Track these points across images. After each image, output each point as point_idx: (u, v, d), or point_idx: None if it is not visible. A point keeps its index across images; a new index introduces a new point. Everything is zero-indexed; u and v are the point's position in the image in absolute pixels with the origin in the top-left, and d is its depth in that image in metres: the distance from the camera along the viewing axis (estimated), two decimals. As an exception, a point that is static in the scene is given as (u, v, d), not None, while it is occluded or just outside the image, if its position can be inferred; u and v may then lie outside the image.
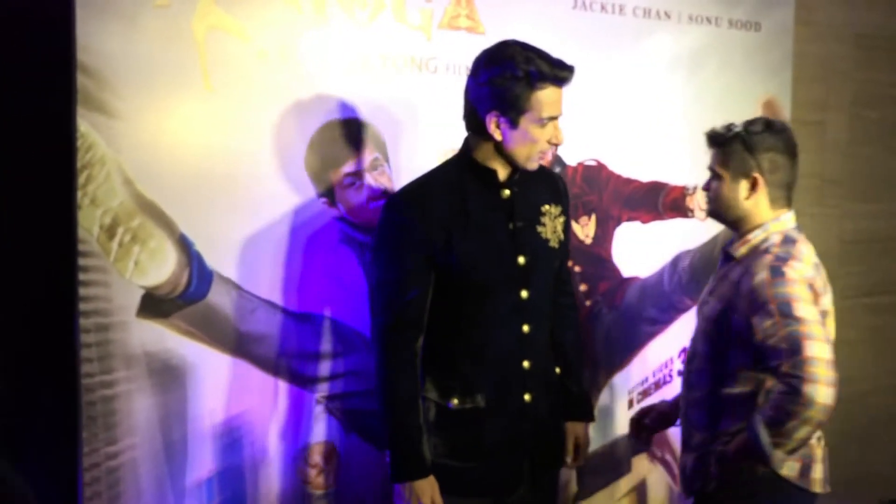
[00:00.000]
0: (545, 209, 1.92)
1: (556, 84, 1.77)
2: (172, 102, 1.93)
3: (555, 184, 1.99)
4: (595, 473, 2.60)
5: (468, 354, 1.87)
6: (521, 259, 1.87)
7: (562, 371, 2.02)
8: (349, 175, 2.14)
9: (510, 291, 1.87)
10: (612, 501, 2.68)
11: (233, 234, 2.01)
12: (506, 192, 1.87)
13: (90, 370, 1.87)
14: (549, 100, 1.76)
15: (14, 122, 1.90)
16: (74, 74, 1.81)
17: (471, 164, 1.85)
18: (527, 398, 1.90)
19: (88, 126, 1.83)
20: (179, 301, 1.95)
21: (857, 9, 3.25)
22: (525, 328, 1.88)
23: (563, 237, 1.97)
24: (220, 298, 2.00)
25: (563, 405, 2.03)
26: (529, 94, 1.74)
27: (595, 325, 2.58)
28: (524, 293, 1.87)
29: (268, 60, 2.02)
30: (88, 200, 1.84)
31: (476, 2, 2.28)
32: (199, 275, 1.97)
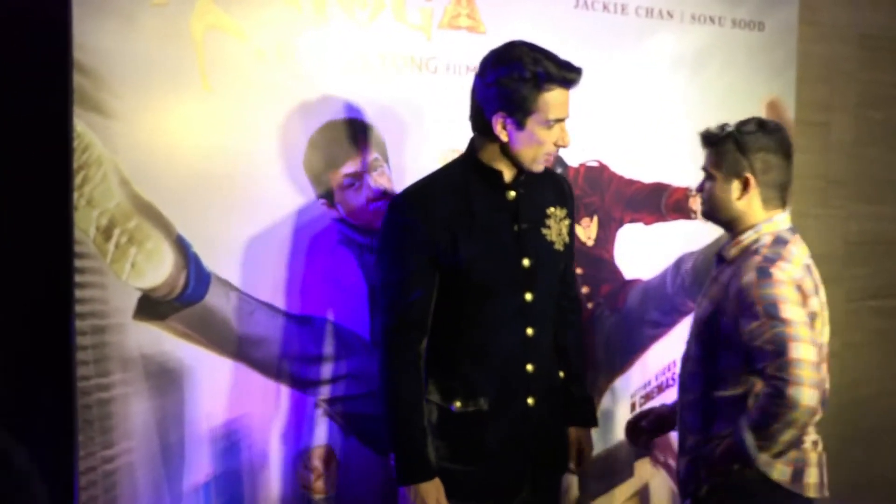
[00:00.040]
0: (550, 211, 1.91)
1: (564, 86, 1.76)
2: (170, 102, 1.93)
3: (560, 186, 1.98)
4: (597, 478, 2.58)
5: (471, 357, 1.85)
6: (526, 261, 1.85)
7: (565, 375, 2.01)
8: (348, 176, 2.13)
9: (514, 294, 1.85)
10: (615, 506, 2.67)
11: (231, 236, 2.01)
12: (511, 194, 1.86)
13: (86, 373, 1.87)
14: (556, 101, 1.75)
15: (10, 122, 1.90)
16: (71, 74, 1.80)
17: (476, 165, 1.84)
18: (530, 402, 1.89)
19: (85, 126, 1.82)
20: (176, 303, 1.95)
21: (862, 9, 3.23)
22: (529, 331, 1.87)
23: (568, 240, 1.96)
24: (218, 300, 1.99)
25: (566, 410, 2.01)
26: (536, 96, 1.73)
27: (597, 328, 2.57)
28: (528, 296, 1.86)
29: (266, 60, 2.02)
30: (85, 201, 1.84)
31: (477, 1, 2.27)
32: (197, 276, 1.96)
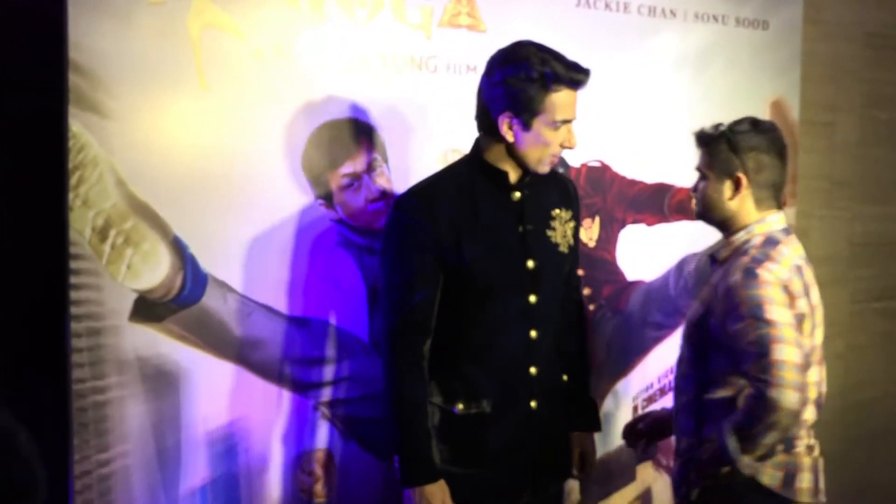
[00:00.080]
0: (555, 213, 1.91)
1: (571, 87, 1.75)
2: (166, 102, 1.91)
3: (566, 188, 1.98)
4: (599, 482, 2.57)
5: (474, 359, 1.85)
6: (531, 263, 1.84)
7: (569, 379, 1.99)
8: (347, 176, 2.12)
9: (518, 295, 1.85)
10: (617, 510, 2.65)
11: (228, 237, 1.99)
12: (516, 195, 1.85)
13: (81, 375, 1.85)
14: (563, 103, 1.75)
15: (4, 122, 1.88)
16: (66, 73, 1.79)
17: (482, 165, 1.84)
18: (533, 405, 1.88)
19: (80, 126, 1.80)
20: (173, 305, 1.93)
21: (867, 7, 3.22)
22: (532, 334, 1.86)
23: (573, 242, 1.95)
24: (215, 302, 1.98)
25: (570, 414, 2.00)
26: (544, 96, 1.73)
27: (599, 330, 2.55)
28: (532, 298, 1.85)
29: (264, 59, 2.00)
30: (80, 202, 1.82)
31: (477, -1, 2.26)
32: (194, 278, 1.95)
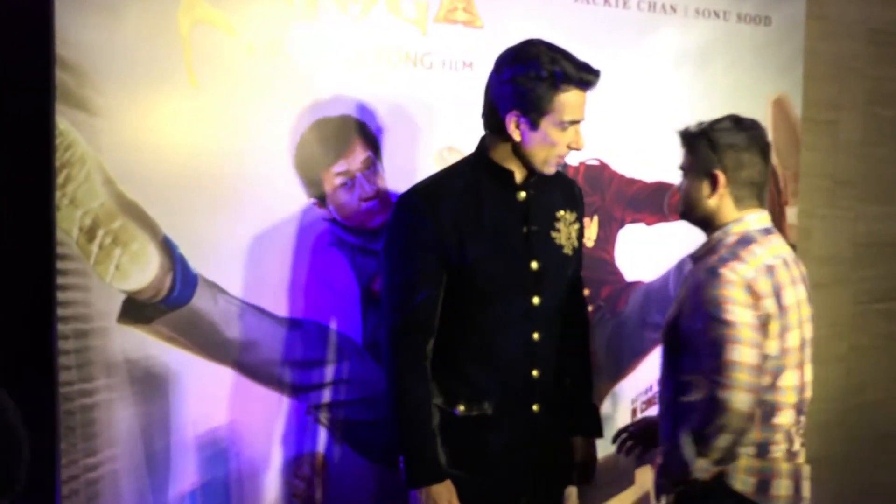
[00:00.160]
0: (560, 214, 1.90)
1: (581, 87, 1.75)
2: (156, 99, 1.90)
3: (571, 190, 1.98)
4: (597, 485, 2.53)
5: (476, 360, 1.84)
6: (535, 264, 1.83)
7: (571, 383, 1.98)
8: (341, 174, 2.10)
9: (521, 297, 1.83)
10: (616, 514, 2.63)
11: (218, 237, 1.97)
12: (522, 195, 1.84)
13: (69, 378, 1.84)
14: (572, 103, 1.74)
15: (-10, 120, 1.86)
16: (53, 69, 1.77)
17: (487, 164, 1.83)
18: (535, 409, 1.87)
19: (68, 124, 1.79)
20: (162, 306, 1.92)
21: (871, 4, 3.21)
22: (535, 336, 1.85)
23: (577, 245, 1.95)
24: (205, 303, 1.96)
25: (572, 419, 1.99)
26: (552, 96, 1.72)
27: (597, 332, 2.53)
28: (535, 299, 1.84)
29: (256, 56, 1.99)
30: (67, 201, 1.81)
31: (473, -6, 2.25)
32: (183, 279, 1.93)
